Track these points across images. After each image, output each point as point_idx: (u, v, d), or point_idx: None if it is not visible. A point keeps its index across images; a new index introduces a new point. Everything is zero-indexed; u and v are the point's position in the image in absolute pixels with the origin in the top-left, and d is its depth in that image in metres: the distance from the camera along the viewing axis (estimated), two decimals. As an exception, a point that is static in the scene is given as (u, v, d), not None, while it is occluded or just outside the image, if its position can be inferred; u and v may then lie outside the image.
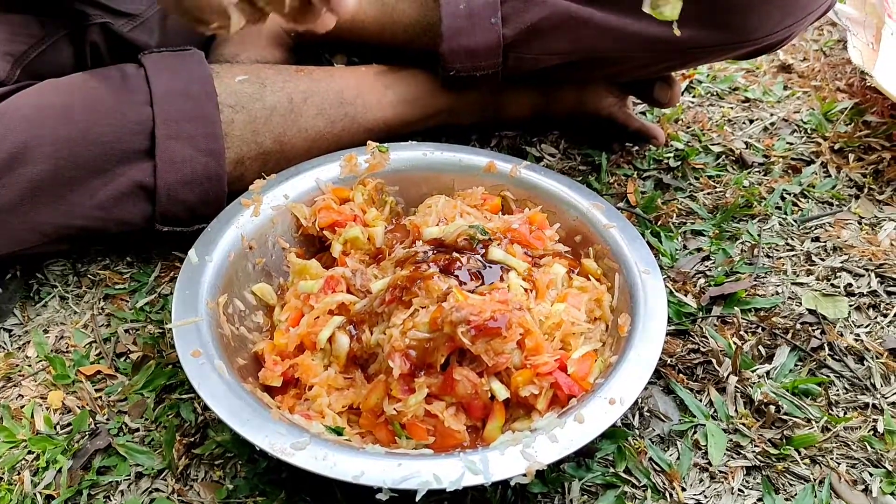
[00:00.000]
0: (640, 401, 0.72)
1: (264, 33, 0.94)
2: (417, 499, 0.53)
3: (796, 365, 0.75)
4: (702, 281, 0.85)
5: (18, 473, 0.65)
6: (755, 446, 0.68)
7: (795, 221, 0.94)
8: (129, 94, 0.76)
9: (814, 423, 0.70)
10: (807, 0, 0.77)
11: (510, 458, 0.55)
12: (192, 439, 0.67)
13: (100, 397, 0.71)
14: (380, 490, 0.53)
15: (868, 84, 1.12)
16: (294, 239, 0.78)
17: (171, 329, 0.63)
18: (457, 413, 0.62)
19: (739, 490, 0.65)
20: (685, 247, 0.89)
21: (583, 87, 0.99)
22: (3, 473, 0.65)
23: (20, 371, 0.74)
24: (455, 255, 0.68)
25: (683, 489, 0.65)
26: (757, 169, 1.03)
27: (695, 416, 0.70)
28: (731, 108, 1.16)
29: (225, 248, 0.71)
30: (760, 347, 0.77)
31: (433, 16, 0.87)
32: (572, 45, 0.85)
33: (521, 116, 1.01)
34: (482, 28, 0.85)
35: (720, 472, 0.67)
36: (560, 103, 1.01)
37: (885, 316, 0.81)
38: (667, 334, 0.73)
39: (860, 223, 0.94)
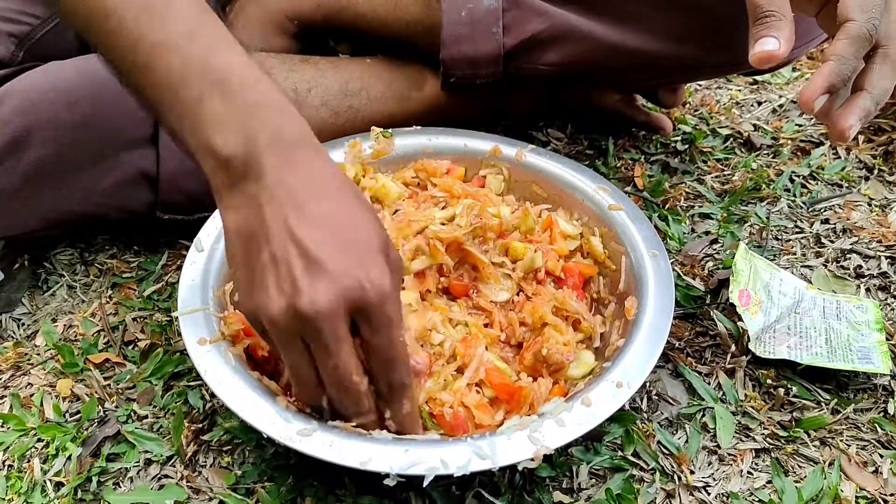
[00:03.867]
0: (648, 384, 0.71)
1: (268, 21, 0.94)
2: (425, 484, 0.53)
3: (805, 347, 0.75)
4: (710, 264, 0.84)
5: (28, 461, 0.66)
6: (764, 429, 0.68)
7: (804, 204, 0.93)
8: (133, 80, 0.76)
9: (823, 405, 0.70)
10: (810, 26, 0.76)
11: (518, 442, 0.55)
12: (200, 426, 0.68)
13: (108, 385, 0.72)
14: (387, 476, 0.53)
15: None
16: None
17: (178, 317, 0.63)
18: (491, 403, 0.62)
19: (748, 472, 0.65)
20: (693, 230, 0.89)
21: None
22: (14, 461, 0.66)
23: (29, 360, 0.74)
24: None
25: (692, 472, 0.65)
26: (765, 151, 1.02)
27: (703, 399, 0.70)
28: (739, 90, 1.15)
29: (231, 236, 0.71)
30: (769, 330, 0.76)
31: (435, 17, 0.86)
32: (572, 57, 0.84)
33: (525, 109, 1.01)
34: (483, 36, 0.84)
35: (729, 454, 0.66)
36: (565, 98, 1.00)
37: (896, 297, 0.81)
38: (675, 318, 0.72)
39: (870, 205, 0.93)
